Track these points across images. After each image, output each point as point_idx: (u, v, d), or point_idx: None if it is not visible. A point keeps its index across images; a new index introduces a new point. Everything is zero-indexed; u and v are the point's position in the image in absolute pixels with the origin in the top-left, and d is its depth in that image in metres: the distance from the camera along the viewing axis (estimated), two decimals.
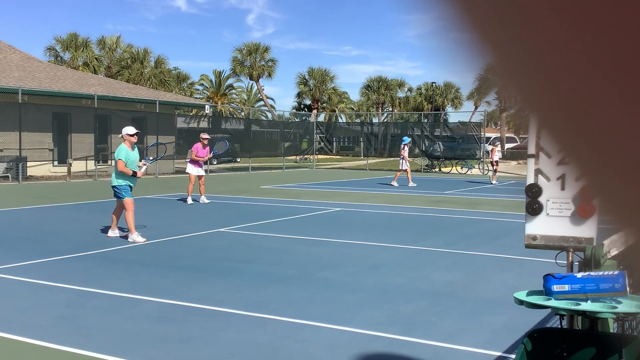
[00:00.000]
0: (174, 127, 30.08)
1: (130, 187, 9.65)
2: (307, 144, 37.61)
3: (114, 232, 9.84)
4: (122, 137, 9.79)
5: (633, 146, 0.35)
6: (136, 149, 9.76)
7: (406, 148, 21.51)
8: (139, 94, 28.90)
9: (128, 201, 9.52)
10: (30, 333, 4.96)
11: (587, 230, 2.92)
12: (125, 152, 9.53)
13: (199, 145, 15.08)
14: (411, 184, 21.78)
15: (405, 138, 22.21)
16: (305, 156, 39.12)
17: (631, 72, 0.33)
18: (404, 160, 21.51)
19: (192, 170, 14.99)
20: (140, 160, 9.88)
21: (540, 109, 0.37)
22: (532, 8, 0.33)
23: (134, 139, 9.70)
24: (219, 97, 58.18)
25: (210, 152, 15.35)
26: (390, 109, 61.35)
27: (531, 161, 3.07)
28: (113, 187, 9.65)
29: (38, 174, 23.57)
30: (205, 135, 15.33)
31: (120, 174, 9.54)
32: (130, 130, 9.71)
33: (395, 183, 22.02)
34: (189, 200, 14.93)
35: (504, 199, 17.36)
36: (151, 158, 11.07)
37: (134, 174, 9.58)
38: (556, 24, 0.33)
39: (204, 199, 15.14)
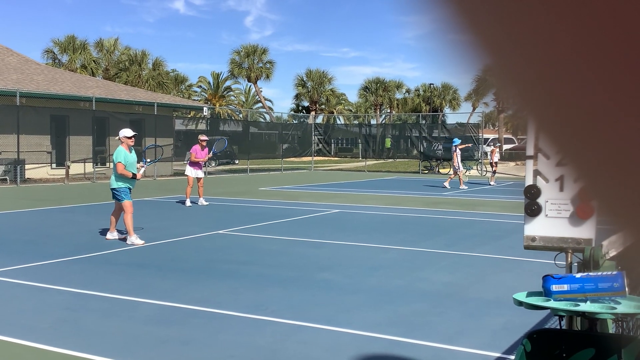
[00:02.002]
0: (172, 129, 30.07)
1: (130, 189, 9.65)
2: (390, 143, 35.61)
3: (112, 235, 9.84)
4: (119, 139, 9.79)
5: (630, 147, 0.35)
6: (133, 151, 9.76)
7: (458, 150, 21.46)
8: (137, 96, 28.89)
9: (127, 203, 9.52)
10: (29, 336, 4.95)
11: (585, 231, 2.93)
12: (124, 155, 9.52)
13: (197, 147, 15.07)
14: (462, 186, 21.73)
15: (455, 140, 22.16)
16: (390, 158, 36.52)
17: (628, 73, 0.33)
18: (456, 163, 21.45)
19: (191, 172, 14.98)
20: (138, 162, 9.89)
21: (537, 110, 0.37)
22: (529, 9, 0.34)
23: (132, 142, 9.70)
24: (217, 99, 58.18)
25: (209, 153, 15.34)
26: (388, 111, 61.40)
27: (530, 162, 3.08)
28: (112, 189, 9.65)
29: (36, 177, 23.55)
30: (203, 137, 15.32)
31: (120, 177, 9.54)
32: (127, 132, 9.71)
33: (447, 185, 22.00)
34: (187, 203, 14.92)
35: (502, 200, 17.37)
36: (148, 160, 11.07)
37: (134, 176, 9.58)
38: (553, 25, 0.33)
39: (202, 201, 15.13)
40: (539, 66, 0.35)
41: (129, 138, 9.66)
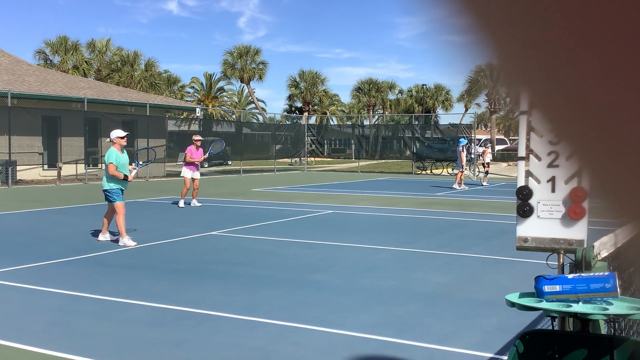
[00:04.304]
0: (164, 130, 29.99)
1: (122, 190, 9.61)
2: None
3: (104, 236, 9.80)
4: (110, 141, 9.72)
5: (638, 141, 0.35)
6: (125, 152, 9.71)
7: (464, 150, 21.46)
8: (129, 97, 28.79)
9: (119, 205, 9.48)
10: (21, 338, 4.92)
11: (577, 232, 2.93)
12: (115, 156, 9.48)
13: (192, 147, 15.00)
14: (462, 186, 21.72)
15: (461, 140, 22.22)
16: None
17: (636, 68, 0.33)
18: (461, 163, 21.48)
19: (187, 173, 14.90)
20: (130, 164, 9.85)
21: (545, 105, 0.37)
22: (538, 4, 0.33)
23: (124, 142, 9.66)
24: (210, 100, 58.07)
25: (205, 153, 15.30)
26: (381, 111, 61.45)
27: (522, 163, 3.09)
28: (104, 191, 9.60)
29: (28, 178, 23.43)
30: (197, 137, 15.27)
31: (112, 178, 9.50)
32: (119, 133, 9.67)
33: (464, 186, 22.04)
34: (181, 204, 14.87)
35: (495, 200, 17.42)
36: (141, 162, 11.02)
37: (125, 177, 9.53)
38: (563, 19, 0.33)
39: (195, 203, 15.09)
40: (548, 60, 0.35)
41: (122, 138, 9.62)
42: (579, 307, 2.62)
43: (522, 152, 3.05)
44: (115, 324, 5.37)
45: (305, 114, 54.13)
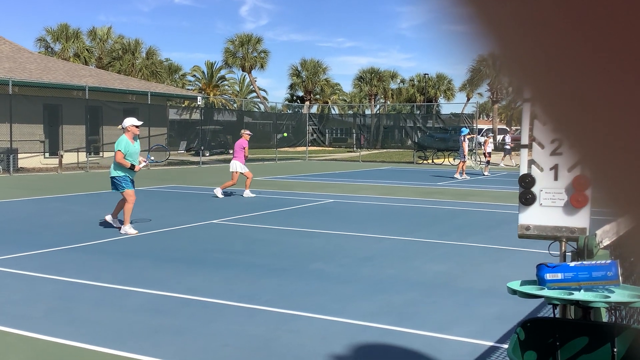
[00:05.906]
0: (165, 119, 29.97)
1: (130, 179, 9.52)
2: None
3: (109, 218, 9.77)
4: (121, 128, 9.62)
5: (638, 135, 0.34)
6: (137, 141, 9.61)
7: (466, 139, 21.38)
8: (130, 85, 28.75)
9: (128, 192, 9.45)
10: (22, 325, 4.93)
11: (580, 220, 2.92)
12: (125, 144, 9.40)
13: (244, 141, 14.87)
14: (463, 176, 21.63)
15: (463, 129, 22.11)
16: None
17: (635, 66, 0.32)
18: (463, 152, 21.40)
19: (242, 168, 14.69)
20: (141, 157, 9.77)
21: (546, 97, 0.36)
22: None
23: (138, 131, 9.58)
24: (211, 89, 57.96)
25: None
26: (383, 101, 61.34)
27: (524, 151, 3.07)
28: (112, 178, 9.54)
29: (29, 166, 23.44)
30: (247, 131, 15.14)
31: (119, 166, 9.44)
32: (135, 121, 9.56)
33: (465, 176, 21.94)
34: (249, 194, 14.64)
35: (496, 190, 17.41)
36: (152, 158, 10.98)
37: (132, 167, 9.44)
38: (564, 14, 0.32)
39: (249, 193, 14.92)
40: (549, 52, 0.34)
41: (137, 127, 9.54)
42: (580, 295, 2.61)
43: (525, 140, 3.03)
44: (116, 311, 5.38)
45: (307, 103, 54.05)
